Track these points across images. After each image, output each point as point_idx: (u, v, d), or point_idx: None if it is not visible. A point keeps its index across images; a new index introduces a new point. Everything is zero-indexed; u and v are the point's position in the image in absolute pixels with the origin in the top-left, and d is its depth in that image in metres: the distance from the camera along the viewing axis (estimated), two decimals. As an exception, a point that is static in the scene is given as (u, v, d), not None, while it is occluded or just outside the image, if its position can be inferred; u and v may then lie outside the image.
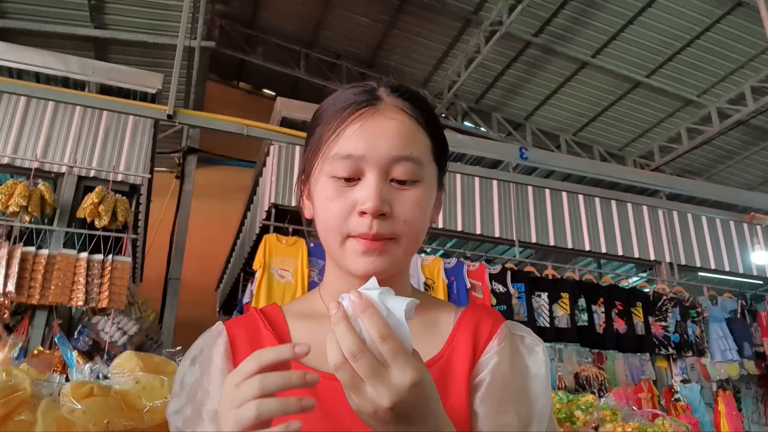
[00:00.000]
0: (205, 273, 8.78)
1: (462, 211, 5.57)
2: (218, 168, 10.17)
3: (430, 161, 0.78)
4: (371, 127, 0.74)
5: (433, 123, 0.80)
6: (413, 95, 0.80)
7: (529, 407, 0.73)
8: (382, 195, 0.72)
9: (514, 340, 0.78)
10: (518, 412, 0.72)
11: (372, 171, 0.73)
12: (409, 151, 0.74)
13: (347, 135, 0.74)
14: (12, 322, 4.13)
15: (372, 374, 0.56)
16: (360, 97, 0.77)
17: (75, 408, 1.91)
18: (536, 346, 0.79)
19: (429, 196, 0.77)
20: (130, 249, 4.36)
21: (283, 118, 5.35)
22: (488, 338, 0.77)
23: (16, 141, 4.54)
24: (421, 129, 0.78)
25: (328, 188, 0.75)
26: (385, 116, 0.75)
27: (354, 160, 0.73)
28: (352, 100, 0.77)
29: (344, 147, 0.74)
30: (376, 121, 0.75)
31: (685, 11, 7.53)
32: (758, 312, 6.21)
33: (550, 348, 6.86)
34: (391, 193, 0.73)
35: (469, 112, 10.12)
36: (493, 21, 7.78)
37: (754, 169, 10.25)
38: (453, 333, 0.78)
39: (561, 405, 3.18)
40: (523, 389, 0.74)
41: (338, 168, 0.74)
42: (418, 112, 0.78)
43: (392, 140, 0.74)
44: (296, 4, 8.88)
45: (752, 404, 7.06)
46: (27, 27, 6.90)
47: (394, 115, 0.76)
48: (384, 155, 0.73)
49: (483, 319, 0.79)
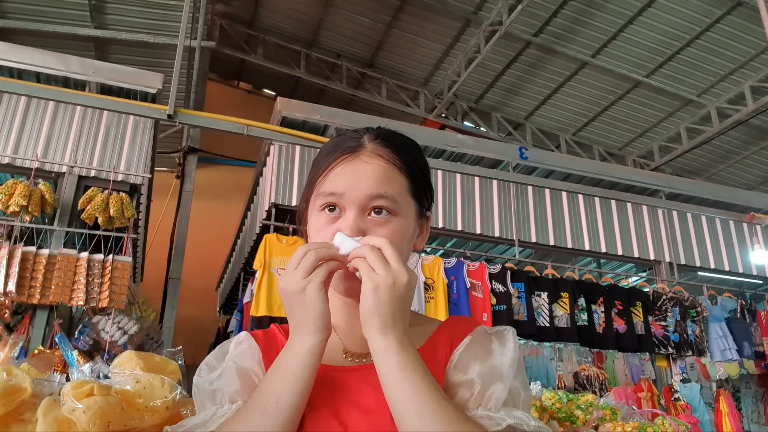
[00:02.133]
0: (205, 272, 8.79)
1: (462, 210, 5.57)
2: (218, 168, 10.18)
3: (406, 198, 0.90)
4: (351, 170, 0.88)
5: (413, 165, 0.92)
6: (393, 140, 0.93)
7: (491, 373, 0.82)
8: (358, 226, 0.85)
9: (486, 332, 0.90)
10: (479, 377, 0.82)
11: (351, 207, 0.86)
12: (383, 190, 0.87)
13: (331, 176, 0.88)
14: (13, 322, 4.14)
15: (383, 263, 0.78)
16: (346, 143, 0.91)
17: (75, 407, 1.92)
18: (507, 333, 0.90)
19: (405, 228, 0.89)
20: (130, 249, 4.36)
21: (283, 118, 5.36)
22: (465, 335, 0.89)
23: (17, 141, 4.54)
24: (396, 171, 0.90)
25: (317, 221, 0.89)
26: (362, 161, 0.88)
27: (336, 197, 0.87)
28: (339, 147, 0.91)
29: (329, 186, 0.88)
30: (355, 165, 0.88)
31: (685, 11, 7.53)
32: (758, 311, 6.22)
33: (550, 347, 6.88)
34: (368, 225, 0.86)
35: (469, 112, 10.12)
36: (493, 21, 7.78)
37: (753, 169, 10.25)
38: (435, 333, 0.91)
39: (561, 404, 3.19)
40: (484, 360, 0.84)
41: (324, 203, 0.88)
42: (395, 157, 0.90)
43: (368, 181, 0.86)
44: (296, 4, 8.88)
45: (752, 404, 7.07)
46: (27, 27, 6.90)
47: (372, 159, 0.89)
48: (361, 193, 0.86)
49: (461, 323, 0.93)
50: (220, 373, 0.86)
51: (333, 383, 0.83)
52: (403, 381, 0.74)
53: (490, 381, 0.81)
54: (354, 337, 0.89)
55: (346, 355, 0.88)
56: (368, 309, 0.77)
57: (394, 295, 0.76)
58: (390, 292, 0.76)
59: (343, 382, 0.83)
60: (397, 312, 0.77)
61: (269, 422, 0.75)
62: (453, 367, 0.84)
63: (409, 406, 0.73)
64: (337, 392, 0.82)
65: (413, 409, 0.72)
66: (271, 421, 0.75)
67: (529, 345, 7.21)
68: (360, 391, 0.82)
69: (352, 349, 0.89)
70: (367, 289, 0.77)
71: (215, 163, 10.06)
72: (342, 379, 0.83)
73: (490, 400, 0.80)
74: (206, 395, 0.85)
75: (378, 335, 0.76)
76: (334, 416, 0.79)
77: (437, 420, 0.72)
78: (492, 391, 0.80)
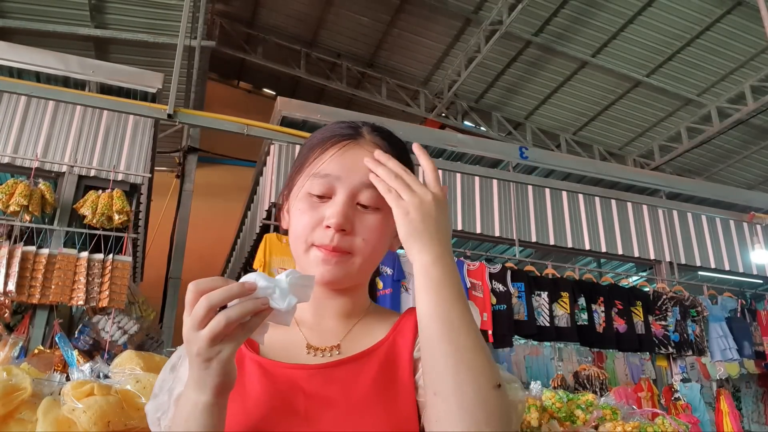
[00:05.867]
0: (205, 272, 8.69)
1: (462, 210, 5.57)
2: (219, 167, 10.18)
3: None
4: (350, 155, 0.87)
5: (406, 162, 0.91)
6: (390, 136, 0.93)
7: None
8: (347, 214, 0.84)
9: None
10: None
11: (342, 192, 0.85)
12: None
13: (328, 158, 0.87)
14: (13, 322, 4.14)
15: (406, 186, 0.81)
16: (345, 130, 0.90)
17: (75, 407, 1.92)
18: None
19: (387, 224, 0.87)
20: (130, 248, 4.36)
21: (283, 118, 5.36)
22: None
23: (17, 140, 4.54)
24: None
25: (303, 203, 0.87)
26: (363, 149, 0.88)
27: (330, 180, 0.86)
28: (338, 132, 0.90)
29: (324, 168, 0.87)
30: (354, 152, 0.88)
31: (685, 10, 7.53)
32: (758, 311, 6.22)
33: (550, 347, 6.88)
34: (355, 214, 0.85)
35: (469, 111, 10.12)
36: (493, 20, 7.78)
37: (754, 169, 10.25)
38: (398, 322, 0.90)
39: (561, 404, 3.18)
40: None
41: (315, 185, 0.86)
42: (392, 151, 0.89)
43: (365, 169, 0.85)
44: (296, 4, 8.88)
45: (752, 403, 7.07)
46: (27, 26, 6.90)
47: (372, 149, 0.87)
48: (356, 180, 0.85)
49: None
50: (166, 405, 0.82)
51: (296, 383, 0.80)
52: (440, 291, 0.76)
53: None
54: (319, 332, 0.88)
55: (310, 350, 0.86)
56: (404, 234, 0.79)
57: (425, 213, 0.79)
58: (419, 212, 0.79)
59: (307, 380, 0.81)
60: (432, 229, 0.79)
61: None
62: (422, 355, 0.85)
63: (444, 315, 0.75)
64: (300, 392, 0.79)
65: (447, 319, 0.74)
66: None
67: (530, 345, 7.22)
68: (325, 387, 0.80)
69: (316, 344, 0.86)
70: (399, 216, 0.79)
71: (215, 163, 10.06)
72: (305, 378, 0.81)
73: None
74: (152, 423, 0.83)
75: (417, 254, 0.78)
76: (298, 417, 0.77)
77: (466, 336, 0.74)
78: None
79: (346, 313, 0.90)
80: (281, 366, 0.82)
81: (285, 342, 0.83)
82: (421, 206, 0.79)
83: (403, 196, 0.80)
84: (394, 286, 4.61)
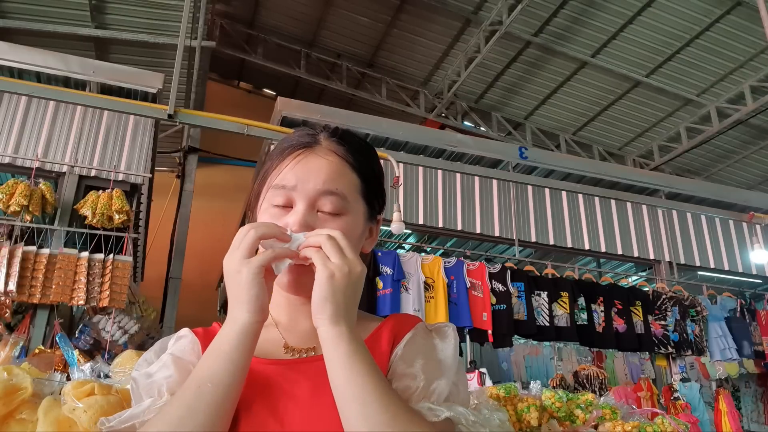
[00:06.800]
0: (205, 272, 8.79)
1: (462, 210, 5.58)
2: (219, 167, 10.18)
3: (356, 198, 0.90)
4: (304, 164, 0.88)
5: (366, 165, 0.92)
6: (350, 141, 0.93)
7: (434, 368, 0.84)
8: (306, 221, 0.84)
9: (426, 328, 0.91)
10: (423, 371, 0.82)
11: (301, 201, 0.86)
12: (334, 187, 0.87)
13: (284, 170, 0.88)
14: (13, 321, 4.15)
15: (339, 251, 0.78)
16: (302, 139, 0.91)
17: (76, 407, 1.92)
18: (447, 329, 0.91)
19: (353, 228, 0.88)
20: (130, 248, 4.37)
21: (283, 118, 5.36)
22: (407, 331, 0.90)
23: (17, 141, 4.55)
24: (349, 169, 0.90)
25: (266, 215, 0.88)
26: (317, 156, 0.89)
27: (287, 191, 0.86)
28: (295, 142, 0.91)
29: (281, 179, 0.87)
30: (308, 160, 0.88)
31: (685, 11, 7.53)
32: (757, 311, 6.22)
33: (550, 347, 6.88)
34: (317, 221, 0.85)
35: (468, 111, 10.12)
36: (493, 21, 7.78)
37: (753, 169, 10.26)
38: (378, 327, 0.91)
39: (561, 404, 3.19)
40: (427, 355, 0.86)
41: (275, 196, 0.87)
42: (348, 155, 0.90)
43: (320, 176, 0.86)
44: (296, 4, 8.88)
45: (751, 403, 7.07)
46: (28, 27, 6.90)
47: (326, 155, 0.89)
48: (311, 188, 0.86)
49: (403, 318, 0.93)
50: (159, 367, 0.84)
51: (270, 378, 0.82)
52: (351, 369, 0.74)
53: (433, 376, 0.82)
54: (295, 333, 0.89)
55: (287, 350, 0.87)
56: (322, 296, 0.76)
57: (348, 283, 0.77)
58: (345, 280, 0.76)
59: (281, 375, 0.83)
60: (349, 301, 0.78)
61: (203, 401, 0.74)
62: (398, 359, 0.85)
63: (356, 393, 0.73)
64: (274, 387, 0.81)
65: (359, 397, 0.73)
66: (205, 399, 0.74)
67: (529, 344, 7.23)
68: (297, 383, 0.82)
69: (293, 344, 0.88)
70: (322, 276, 0.76)
71: (215, 163, 10.06)
72: (279, 373, 0.83)
73: (433, 395, 0.81)
74: (144, 389, 0.83)
75: (329, 323, 0.76)
76: (269, 412, 0.79)
77: (382, 409, 0.72)
78: (435, 386, 0.81)
79: None
80: (258, 361, 0.83)
81: (263, 340, 0.83)
82: (349, 275, 0.77)
83: (333, 258, 0.77)
84: (394, 285, 4.62)
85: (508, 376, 7.01)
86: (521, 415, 2.89)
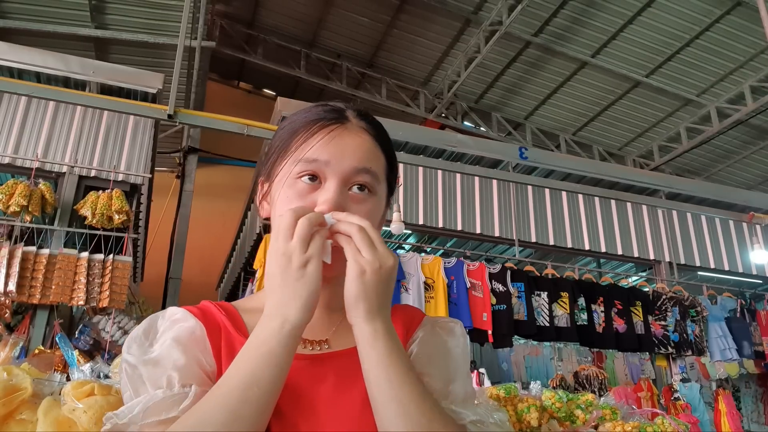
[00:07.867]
0: (205, 272, 8.80)
1: (462, 210, 5.58)
2: (219, 168, 10.19)
3: (383, 179, 0.88)
4: (339, 140, 0.83)
5: (390, 148, 0.91)
6: (374, 122, 0.90)
7: (450, 370, 0.84)
8: (339, 200, 0.80)
9: (434, 324, 0.91)
10: (440, 372, 0.83)
11: (333, 178, 0.81)
12: (369, 165, 0.84)
13: (316, 143, 0.83)
14: (13, 322, 4.15)
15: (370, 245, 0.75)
16: (330, 114, 0.86)
17: (76, 407, 1.92)
18: (455, 326, 0.91)
19: (378, 210, 0.87)
20: (130, 248, 4.37)
21: (283, 118, 5.34)
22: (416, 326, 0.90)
23: (17, 141, 4.55)
24: (380, 150, 0.88)
25: (290, 190, 0.83)
26: (351, 133, 0.85)
27: (319, 165, 0.82)
28: (323, 116, 0.85)
29: (312, 153, 0.82)
30: (343, 136, 0.84)
31: (685, 11, 7.53)
32: (757, 311, 6.22)
33: (550, 347, 6.88)
34: (347, 201, 0.82)
35: (468, 111, 10.12)
36: (493, 21, 7.79)
37: (753, 169, 10.26)
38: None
39: (561, 404, 3.19)
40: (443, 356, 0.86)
41: (304, 170, 0.82)
42: (379, 136, 0.88)
43: (356, 153, 0.83)
44: (296, 4, 8.88)
45: (751, 403, 7.08)
46: (28, 27, 6.91)
47: (360, 134, 0.85)
48: (347, 165, 0.82)
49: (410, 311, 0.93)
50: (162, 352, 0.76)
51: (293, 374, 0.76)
52: (389, 368, 0.72)
53: (449, 377, 0.83)
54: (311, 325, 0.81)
55: (304, 343, 0.84)
56: (354, 294, 0.73)
57: (381, 279, 0.74)
58: (376, 276, 0.73)
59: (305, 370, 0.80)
60: (382, 297, 0.75)
61: (250, 407, 0.68)
62: (414, 357, 0.84)
63: (395, 394, 0.71)
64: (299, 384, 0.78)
65: (398, 398, 0.71)
66: (252, 406, 0.68)
67: (529, 345, 7.23)
68: (322, 380, 0.79)
69: (309, 336, 0.84)
70: (354, 272, 0.73)
71: (215, 163, 10.07)
72: (303, 368, 0.80)
73: (450, 395, 0.81)
74: (148, 377, 0.74)
75: (364, 321, 0.74)
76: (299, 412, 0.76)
77: (420, 411, 0.71)
78: (452, 388, 0.82)
79: (331, 306, 0.87)
80: None
81: None
82: (380, 271, 0.74)
83: (364, 252, 0.74)
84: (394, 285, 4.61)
85: (508, 377, 7.02)
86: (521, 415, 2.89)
